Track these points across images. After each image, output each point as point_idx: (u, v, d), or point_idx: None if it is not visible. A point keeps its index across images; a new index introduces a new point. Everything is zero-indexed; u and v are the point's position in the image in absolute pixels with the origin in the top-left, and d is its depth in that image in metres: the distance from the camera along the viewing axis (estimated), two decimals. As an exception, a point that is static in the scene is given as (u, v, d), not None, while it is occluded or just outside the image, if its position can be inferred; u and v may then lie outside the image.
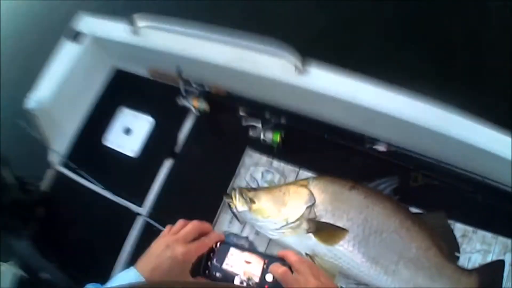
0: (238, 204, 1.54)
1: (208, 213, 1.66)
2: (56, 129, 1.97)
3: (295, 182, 1.60)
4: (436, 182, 1.63)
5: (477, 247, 1.62)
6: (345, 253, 1.47)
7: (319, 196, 1.51)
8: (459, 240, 1.61)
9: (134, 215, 1.77)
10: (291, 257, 0.95)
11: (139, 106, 1.96)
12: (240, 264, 0.98)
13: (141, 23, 1.76)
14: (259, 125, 1.67)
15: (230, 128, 1.77)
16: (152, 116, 1.92)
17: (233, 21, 1.78)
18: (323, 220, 1.50)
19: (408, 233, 1.50)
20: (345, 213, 1.50)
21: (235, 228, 1.67)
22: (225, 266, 0.98)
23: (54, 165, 1.98)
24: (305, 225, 1.49)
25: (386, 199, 1.54)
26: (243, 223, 1.66)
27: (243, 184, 1.72)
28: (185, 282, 0.82)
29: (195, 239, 1.01)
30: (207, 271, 0.98)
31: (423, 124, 1.52)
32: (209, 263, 0.99)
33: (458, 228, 1.63)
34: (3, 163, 1.87)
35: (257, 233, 1.63)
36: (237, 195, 1.55)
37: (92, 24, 1.96)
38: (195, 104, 1.76)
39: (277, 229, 1.51)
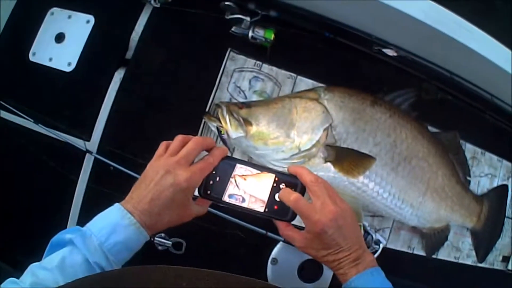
0: (231, 127, 0.91)
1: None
2: None
3: (302, 94, 0.99)
4: (449, 96, 1.15)
5: (485, 170, 1.22)
6: (371, 186, 0.95)
7: (337, 114, 0.95)
8: (470, 162, 1.17)
9: (81, 154, 1.06)
10: (306, 176, 0.70)
11: (74, 3, 1.18)
12: (246, 182, 0.71)
13: None
14: (247, 18, 0.98)
15: (205, 23, 1.08)
16: (93, 14, 1.15)
17: None
18: (344, 145, 0.95)
19: (435, 159, 1.03)
20: (371, 135, 0.96)
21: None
22: (228, 185, 0.71)
23: None
24: (322, 153, 0.93)
25: (412, 119, 1.03)
26: (232, 149, 1.04)
27: (226, 97, 1.07)
28: (179, 269, 0.46)
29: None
30: (208, 191, 0.71)
31: (437, 27, 0.95)
32: (211, 181, 0.71)
33: (469, 149, 1.18)
34: None
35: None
36: (226, 115, 0.91)
37: None
38: (153, -11, 1.02)
39: (285, 159, 0.93)
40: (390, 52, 1.08)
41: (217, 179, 0.72)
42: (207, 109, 1.04)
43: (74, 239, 0.63)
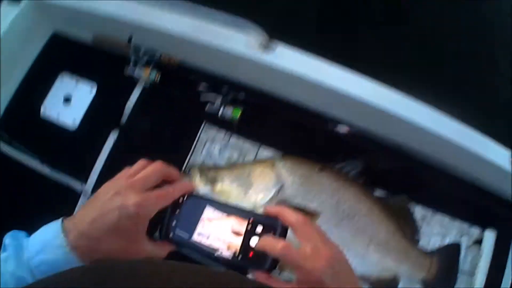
0: (200, 184, 1.23)
1: None
2: None
3: (260, 161, 1.32)
4: (398, 165, 1.45)
5: (436, 230, 1.48)
6: None
7: (288, 178, 1.26)
8: (419, 222, 1.45)
9: (77, 195, 1.42)
10: (290, 217, 0.67)
11: (81, 72, 1.58)
12: (215, 225, 0.68)
13: None
14: (218, 101, 1.36)
15: (184, 101, 1.45)
16: (96, 84, 1.55)
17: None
18: (293, 203, 1.25)
19: (378, 217, 1.30)
20: (316, 196, 1.26)
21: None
22: (195, 228, 0.69)
23: None
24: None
25: (355, 183, 1.33)
26: None
27: (199, 161, 1.42)
28: (172, 263, 0.47)
29: (158, 186, 0.72)
30: (170, 233, 0.70)
31: (386, 109, 1.31)
32: (173, 222, 0.70)
33: (418, 211, 1.46)
34: None
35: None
36: (198, 175, 1.25)
37: None
38: (146, 73, 1.41)
39: None
40: (343, 129, 1.41)
41: (182, 220, 0.70)
42: (182, 170, 1.39)
43: (9, 246, 0.65)
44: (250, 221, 0.68)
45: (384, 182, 1.43)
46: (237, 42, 1.32)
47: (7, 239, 0.67)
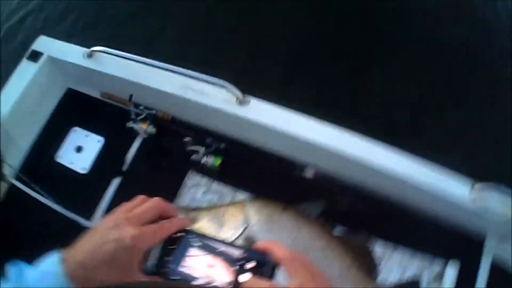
0: None
1: None
2: (11, 144, 1.88)
3: (234, 204, 1.59)
4: (359, 205, 1.67)
5: (396, 264, 1.66)
6: None
7: (254, 217, 1.51)
8: (380, 256, 1.65)
9: (83, 229, 1.71)
10: (279, 253, 0.69)
11: (90, 126, 1.91)
12: (206, 260, 0.71)
13: (95, 47, 1.76)
14: (201, 150, 1.66)
15: (174, 151, 1.74)
16: (103, 136, 1.87)
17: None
18: (258, 238, 1.49)
19: (332, 253, 1.51)
20: (277, 233, 1.50)
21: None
22: (187, 263, 0.71)
23: (8, 177, 1.87)
24: (242, 243, 1.49)
25: (313, 221, 1.55)
26: None
27: (185, 203, 1.70)
28: (163, 283, 0.54)
29: (155, 221, 0.75)
30: (163, 269, 0.71)
31: (348, 155, 1.56)
32: (167, 258, 0.72)
33: (379, 245, 1.66)
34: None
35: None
36: (183, 214, 1.53)
37: (50, 45, 1.92)
38: (144, 127, 1.73)
39: None
40: (309, 173, 1.68)
41: (175, 254, 0.72)
42: None
43: (10, 276, 0.70)
44: (241, 257, 0.69)
45: (344, 219, 1.65)
46: (216, 98, 1.61)
47: (10, 268, 0.71)
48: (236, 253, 0.70)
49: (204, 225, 1.51)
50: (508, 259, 1.71)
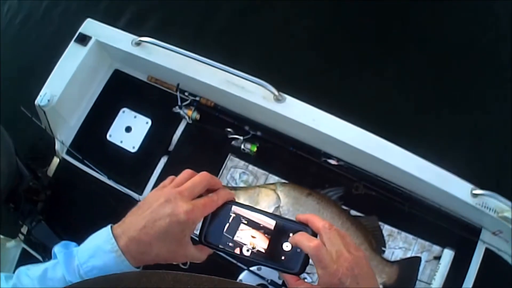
0: None
1: None
2: (62, 123, 2.19)
3: (266, 185, 1.96)
4: (373, 192, 2.04)
5: (400, 244, 2.06)
6: None
7: (284, 199, 1.90)
8: (386, 238, 2.04)
9: (134, 202, 2.06)
10: (318, 223, 0.76)
11: (138, 107, 2.24)
12: (251, 230, 0.78)
13: (145, 38, 2.06)
14: (241, 138, 2.03)
15: (217, 136, 2.09)
16: (150, 118, 2.21)
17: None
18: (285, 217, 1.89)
19: (347, 231, 1.90)
20: (302, 213, 1.90)
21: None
22: (232, 232, 0.78)
23: (60, 154, 2.22)
24: (274, 221, 1.88)
25: (333, 204, 1.92)
26: None
27: (224, 182, 2.08)
28: (177, 274, 0.54)
29: (200, 195, 0.80)
30: (209, 237, 0.79)
31: (366, 150, 1.93)
32: (212, 226, 0.79)
33: (386, 229, 2.05)
34: (18, 156, 2.04)
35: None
36: None
37: (97, 29, 2.17)
38: (189, 113, 2.09)
39: None
40: (333, 162, 2.06)
41: (220, 224, 0.78)
42: None
43: (58, 254, 0.73)
44: (282, 226, 0.78)
45: (359, 205, 2.03)
46: (256, 94, 1.96)
47: (56, 248, 0.75)
48: (278, 223, 0.78)
49: (241, 202, 1.90)
50: (498, 249, 2.10)
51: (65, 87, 2.06)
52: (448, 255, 2.10)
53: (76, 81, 2.12)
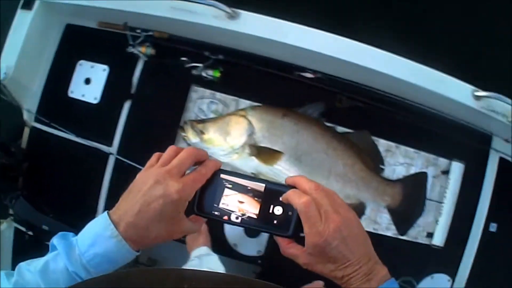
0: (191, 136, 1.74)
1: (167, 143, 1.87)
2: (24, 91, 2.13)
3: (236, 112, 1.79)
4: (360, 103, 1.85)
5: (400, 160, 1.88)
6: (282, 171, 1.71)
7: (257, 125, 1.73)
8: (383, 154, 1.86)
9: (106, 155, 1.99)
10: (305, 184, 0.76)
11: (94, 57, 2.11)
12: (241, 196, 0.81)
13: None
14: (200, 65, 1.86)
15: (176, 69, 1.93)
16: (107, 65, 2.08)
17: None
18: (262, 145, 1.72)
19: (335, 152, 1.73)
20: (280, 138, 1.72)
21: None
22: (222, 200, 0.81)
23: (29, 122, 2.15)
24: (247, 150, 1.71)
25: (314, 123, 1.75)
26: None
27: (193, 116, 1.93)
28: (181, 270, 0.56)
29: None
30: (202, 207, 0.82)
31: (345, 58, 1.73)
32: (203, 196, 0.82)
33: (382, 144, 1.88)
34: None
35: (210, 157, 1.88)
36: (189, 128, 1.75)
37: None
38: (143, 50, 1.92)
39: (225, 155, 1.73)
40: (308, 75, 1.85)
41: (210, 193, 0.81)
42: (180, 124, 1.86)
43: (58, 245, 0.74)
44: (272, 192, 0.80)
45: (347, 119, 1.86)
46: (207, 16, 1.78)
47: (55, 239, 0.76)
48: (268, 187, 0.80)
49: (212, 136, 1.74)
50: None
51: (19, 55, 2.00)
52: (457, 168, 1.93)
53: (29, 46, 2.04)
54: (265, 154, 1.71)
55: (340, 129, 1.86)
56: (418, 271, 1.95)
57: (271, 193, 0.80)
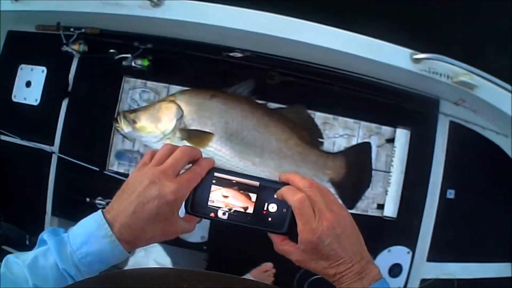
0: (124, 126, 1.74)
1: (105, 136, 1.95)
2: None
3: (165, 98, 1.80)
4: (292, 78, 1.86)
5: (340, 132, 1.87)
6: (215, 152, 1.71)
7: (186, 108, 1.73)
8: (321, 127, 1.85)
9: (49, 155, 2.02)
10: (299, 182, 0.77)
11: (33, 60, 2.15)
12: (235, 194, 0.81)
13: None
14: (129, 55, 1.87)
15: (107, 63, 1.95)
16: (45, 66, 2.11)
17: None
18: (192, 128, 1.72)
19: (266, 129, 1.73)
20: (209, 119, 1.72)
21: (127, 145, 1.97)
22: (215, 199, 0.81)
23: None
24: (178, 134, 1.72)
25: (243, 101, 1.75)
26: (132, 140, 1.93)
27: (126, 107, 1.95)
28: (180, 270, 0.56)
29: None
30: (195, 207, 0.81)
31: (271, 33, 1.74)
32: (197, 195, 0.81)
33: (319, 117, 1.87)
34: None
35: (145, 146, 1.91)
36: (122, 119, 1.76)
37: None
38: (76, 48, 1.94)
39: (158, 141, 1.74)
40: (237, 54, 1.86)
41: (204, 193, 0.80)
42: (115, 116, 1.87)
43: (49, 241, 0.72)
44: (266, 189, 0.80)
45: (280, 95, 1.86)
46: (132, 7, 1.81)
47: (45, 234, 0.75)
48: (262, 184, 0.81)
49: (143, 123, 1.74)
50: (466, 120, 1.94)
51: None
52: (402, 135, 1.91)
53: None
54: (196, 136, 1.70)
55: (274, 105, 1.85)
56: (373, 245, 1.92)
57: (265, 191, 0.81)
